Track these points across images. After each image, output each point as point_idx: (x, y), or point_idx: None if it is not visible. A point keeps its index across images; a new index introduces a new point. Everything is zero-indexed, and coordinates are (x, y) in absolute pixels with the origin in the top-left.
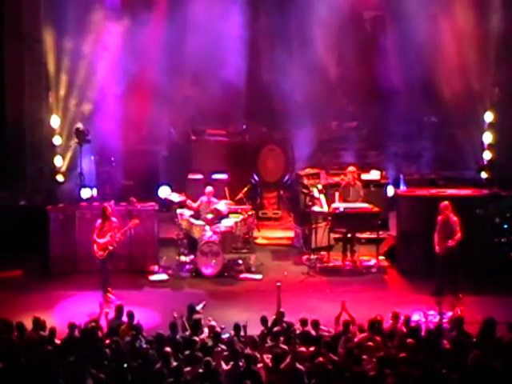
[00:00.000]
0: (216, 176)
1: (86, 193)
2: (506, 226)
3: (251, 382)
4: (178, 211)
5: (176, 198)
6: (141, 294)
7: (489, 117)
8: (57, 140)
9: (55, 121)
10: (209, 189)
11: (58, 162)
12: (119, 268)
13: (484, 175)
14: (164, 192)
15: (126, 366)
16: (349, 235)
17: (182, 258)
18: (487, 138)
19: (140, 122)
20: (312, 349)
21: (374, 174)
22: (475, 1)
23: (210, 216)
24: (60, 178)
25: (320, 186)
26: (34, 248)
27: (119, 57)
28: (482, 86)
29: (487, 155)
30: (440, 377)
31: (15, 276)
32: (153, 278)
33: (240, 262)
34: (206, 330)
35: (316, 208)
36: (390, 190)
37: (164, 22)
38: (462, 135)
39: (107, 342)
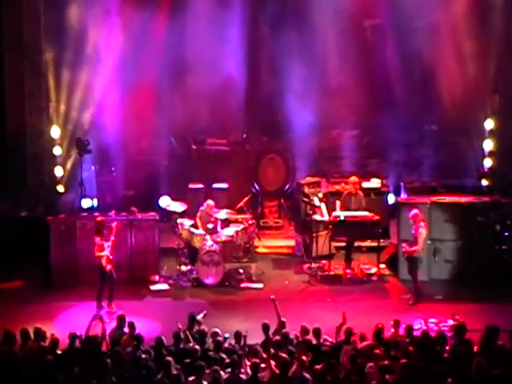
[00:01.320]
0: (217, 185)
1: (86, 203)
2: (506, 234)
3: None
4: (179, 221)
5: (177, 207)
6: (142, 304)
7: (489, 124)
8: (57, 150)
9: (55, 131)
10: (210, 202)
11: (59, 172)
12: (120, 278)
13: (485, 182)
14: (164, 202)
15: (127, 376)
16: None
17: (183, 268)
18: (488, 145)
19: (140, 132)
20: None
21: (375, 182)
22: (475, 8)
23: (210, 225)
24: (60, 188)
25: (321, 195)
26: (35, 259)
27: (119, 66)
28: (483, 93)
29: (488, 163)
30: None
31: (16, 287)
32: (154, 287)
33: (241, 271)
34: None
35: (317, 216)
36: (391, 198)
37: (164, 30)
38: (462, 143)
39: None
